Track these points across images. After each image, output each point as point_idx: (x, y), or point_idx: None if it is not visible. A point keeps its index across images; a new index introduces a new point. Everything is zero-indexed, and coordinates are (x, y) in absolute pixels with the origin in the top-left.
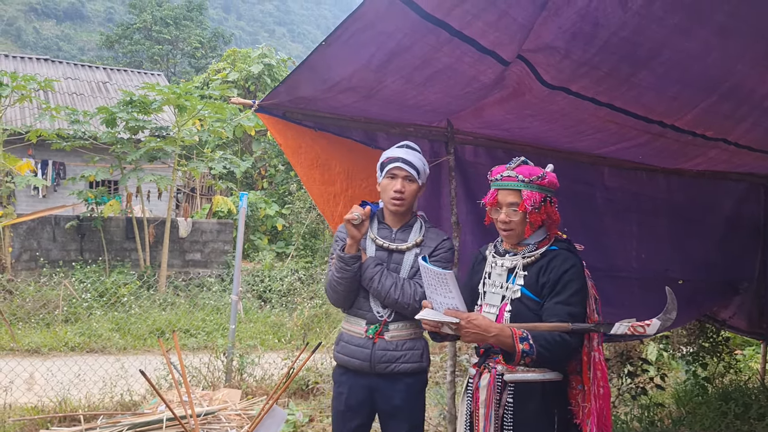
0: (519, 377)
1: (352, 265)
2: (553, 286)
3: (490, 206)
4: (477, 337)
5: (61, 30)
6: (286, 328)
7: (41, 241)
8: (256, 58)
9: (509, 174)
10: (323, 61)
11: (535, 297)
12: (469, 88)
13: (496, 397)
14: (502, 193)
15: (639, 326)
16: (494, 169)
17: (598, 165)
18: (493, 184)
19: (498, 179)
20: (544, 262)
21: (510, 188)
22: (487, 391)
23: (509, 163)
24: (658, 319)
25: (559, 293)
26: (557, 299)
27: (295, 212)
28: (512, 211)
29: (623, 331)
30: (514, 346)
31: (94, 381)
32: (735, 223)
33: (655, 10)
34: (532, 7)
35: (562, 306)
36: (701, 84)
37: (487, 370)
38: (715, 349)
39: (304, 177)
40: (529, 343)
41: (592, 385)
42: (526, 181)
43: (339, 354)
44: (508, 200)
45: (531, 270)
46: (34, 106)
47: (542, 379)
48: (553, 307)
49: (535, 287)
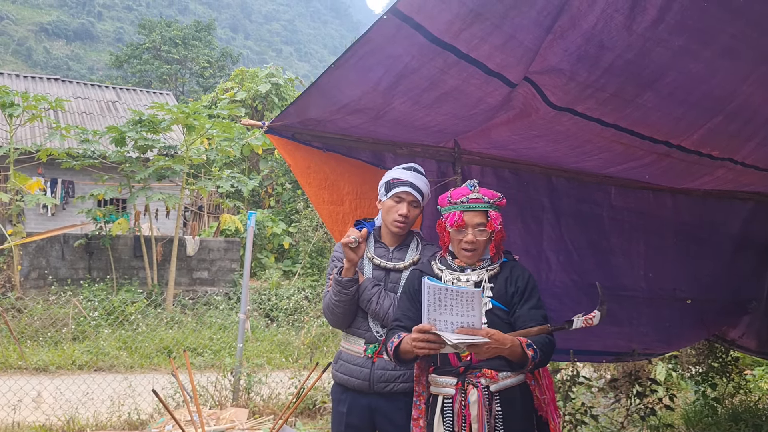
0: (502, 385)
1: (349, 289)
2: (522, 294)
3: (455, 228)
4: (496, 351)
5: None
6: (293, 347)
7: (50, 260)
8: (263, 77)
9: (476, 196)
10: (332, 83)
11: (503, 307)
12: (476, 109)
13: (487, 409)
14: (469, 214)
15: (588, 318)
16: (453, 192)
17: (605, 185)
18: (456, 207)
19: (464, 201)
20: (506, 273)
21: (477, 209)
22: (479, 405)
23: (469, 185)
24: (597, 310)
25: (528, 299)
26: (529, 305)
27: (302, 231)
28: (479, 231)
29: (580, 325)
30: (524, 354)
31: (102, 399)
32: (742, 243)
33: (659, 33)
34: (538, 30)
35: (536, 310)
36: (707, 104)
37: (472, 386)
38: (724, 369)
39: (313, 197)
40: (534, 348)
41: (543, 379)
42: (491, 203)
43: (338, 373)
44: (475, 221)
45: (497, 282)
46: (44, 125)
47: (518, 382)
48: (528, 312)
49: (504, 297)
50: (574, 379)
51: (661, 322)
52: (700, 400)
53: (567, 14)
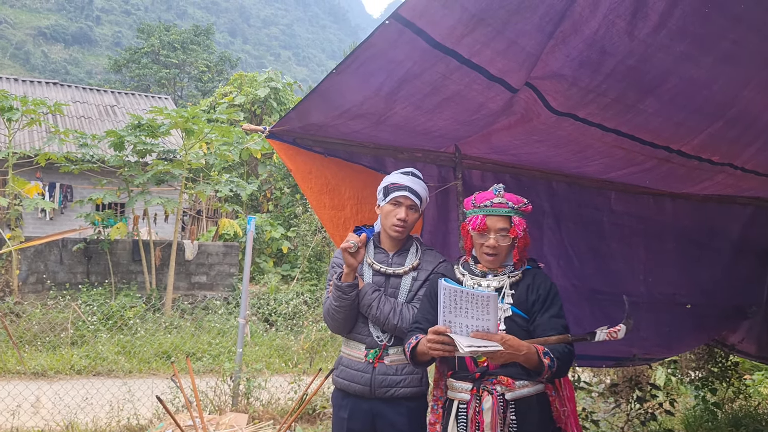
0: (518, 394)
1: (349, 294)
2: (543, 302)
3: (478, 231)
4: (510, 357)
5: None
6: (291, 352)
7: (48, 264)
8: (262, 81)
9: (500, 201)
10: (334, 88)
11: (523, 314)
12: (477, 114)
13: (501, 416)
14: (492, 219)
15: (613, 332)
16: (478, 196)
17: (605, 189)
18: (479, 211)
19: (487, 206)
20: (529, 280)
21: (500, 214)
22: (492, 412)
23: (494, 190)
24: (623, 324)
25: (549, 308)
26: (550, 313)
27: (301, 235)
28: (501, 237)
29: (603, 338)
30: (540, 362)
31: (101, 404)
32: (742, 248)
33: (661, 39)
34: (540, 36)
35: (557, 319)
36: (707, 110)
37: (487, 393)
38: (724, 374)
39: (314, 202)
40: (551, 356)
41: (564, 390)
42: (515, 208)
43: (339, 378)
44: (498, 226)
45: (518, 289)
46: (43, 129)
47: (536, 392)
48: (549, 320)
49: (525, 305)
50: (575, 384)
51: (661, 327)
52: (700, 405)
53: (569, 20)
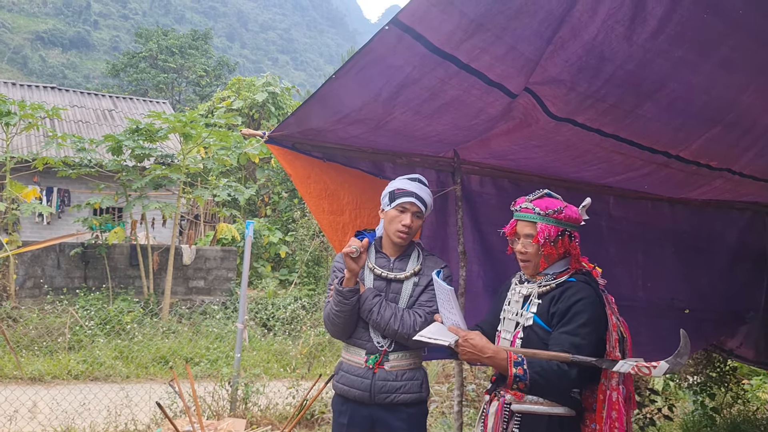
0: (526, 408)
1: (350, 299)
2: (562, 317)
3: (510, 236)
4: (472, 357)
5: (66, 58)
6: (289, 357)
7: (45, 269)
8: (260, 86)
9: (527, 206)
10: (333, 93)
11: (545, 326)
12: (476, 119)
13: (503, 425)
14: (521, 224)
15: (644, 367)
16: (518, 200)
17: (604, 194)
18: (514, 215)
19: (517, 210)
20: (557, 292)
21: (527, 220)
22: (495, 418)
23: (531, 194)
24: (666, 362)
25: (566, 324)
26: (564, 329)
27: (299, 239)
28: (527, 243)
29: (626, 370)
30: (507, 370)
31: (98, 410)
32: (740, 253)
33: (660, 44)
34: (539, 41)
35: (568, 336)
36: (705, 115)
37: (497, 398)
38: (722, 379)
39: (313, 207)
40: (523, 368)
41: (605, 425)
42: (542, 214)
43: (338, 384)
44: (525, 231)
45: (545, 299)
46: (40, 133)
47: (549, 412)
48: (558, 336)
49: (546, 316)
50: None
51: (659, 332)
52: (698, 410)
53: (568, 25)
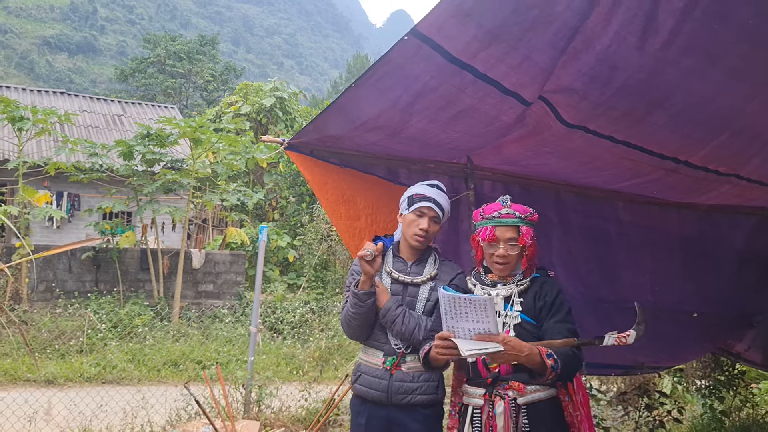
0: (530, 398)
1: (366, 301)
2: (550, 308)
3: (488, 242)
4: (511, 357)
5: (73, 63)
6: (299, 360)
7: (57, 272)
8: (268, 91)
9: (507, 211)
10: (352, 102)
11: (532, 321)
12: (490, 126)
13: (513, 421)
14: (500, 229)
15: (622, 337)
16: (486, 207)
17: (612, 200)
18: (488, 222)
19: (495, 216)
20: (536, 288)
21: (508, 224)
22: (504, 417)
23: (501, 201)
24: (633, 329)
25: (556, 313)
26: (556, 318)
27: (307, 244)
28: (510, 246)
29: (612, 342)
30: (543, 363)
31: (114, 411)
32: (747, 257)
33: (670, 54)
34: (552, 51)
35: (563, 324)
36: (714, 122)
37: (499, 398)
38: (730, 383)
39: (330, 212)
40: (554, 358)
41: (577, 395)
42: (522, 218)
43: (357, 385)
44: (506, 236)
45: (526, 296)
46: (51, 138)
47: (548, 397)
48: (554, 325)
49: (533, 311)
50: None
51: (667, 336)
52: (707, 413)
53: (581, 36)
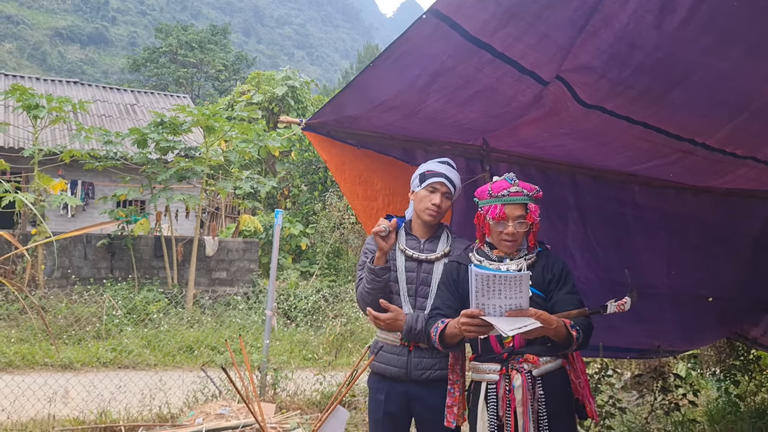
0: (543, 370)
1: (382, 276)
2: (558, 280)
3: (497, 220)
4: (543, 332)
5: (85, 54)
6: (312, 346)
7: (73, 259)
8: (280, 80)
9: (516, 189)
10: (369, 82)
11: (540, 293)
12: (507, 107)
13: (531, 393)
14: (510, 207)
15: (621, 304)
16: (494, 185)
17: (629, 183)
18: (497, 200)
19: (505, 195)
20: (543, 261)
21: (517, 203)
22: (523, 389)
23: (508, 179)
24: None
25: (564, 285)
26: (565, 290)
27: (319, 231)
28: (519, 224)
29: (613, 310)
30: (569, 334)
31: (133, 393)
32: (763, 242)
33: (689, 32)
34: (571, 29)
35: (572, 295)
36: (732, 103)
37: (516, 371)
38: (746, 368)
39: (347, 192)
40: (576, 329)
41: (577, 363)
42: (530, 195)
43: (375, 362)
44: (515, 214)
45: (534, 270)
46: (65, 127)
47: (557, 367)
48: (565, 296)
49: (542, 284)
50: (604, 373)
51: (683, 320)
52: (722, 397)
53: (600, 13)
